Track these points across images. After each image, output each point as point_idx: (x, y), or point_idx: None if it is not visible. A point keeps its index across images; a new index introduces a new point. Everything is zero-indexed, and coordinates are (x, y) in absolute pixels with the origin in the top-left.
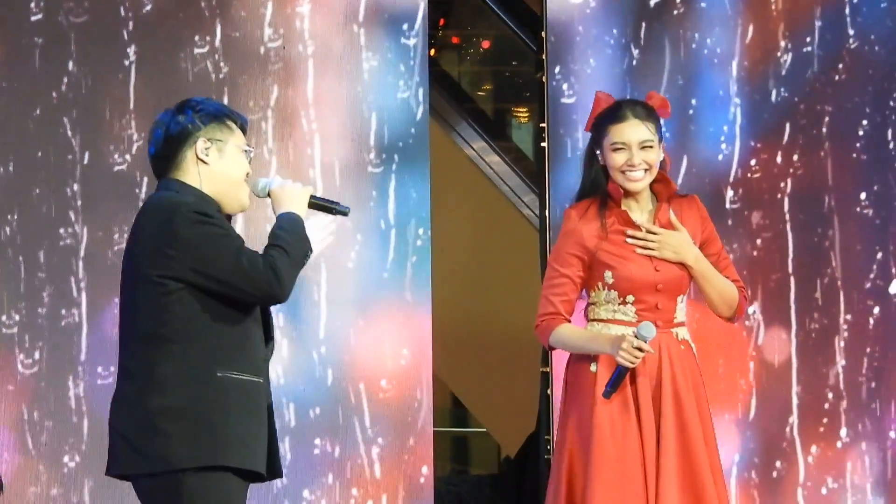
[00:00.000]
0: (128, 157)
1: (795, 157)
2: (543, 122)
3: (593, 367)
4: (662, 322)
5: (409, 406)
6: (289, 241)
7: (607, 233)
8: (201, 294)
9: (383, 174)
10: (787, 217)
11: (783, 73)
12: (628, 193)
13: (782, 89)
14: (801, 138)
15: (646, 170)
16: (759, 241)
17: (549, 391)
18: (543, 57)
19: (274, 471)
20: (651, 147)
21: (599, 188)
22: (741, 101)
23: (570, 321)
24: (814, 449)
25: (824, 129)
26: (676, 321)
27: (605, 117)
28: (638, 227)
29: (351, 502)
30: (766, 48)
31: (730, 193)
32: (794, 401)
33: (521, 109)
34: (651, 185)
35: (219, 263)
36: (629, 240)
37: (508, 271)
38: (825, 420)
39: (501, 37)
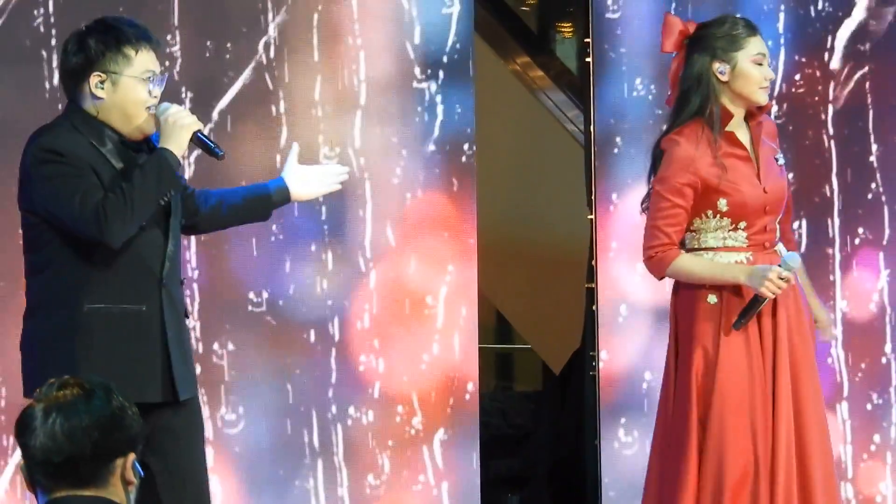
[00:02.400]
0: (174, 73)
1: (839, 72)
2: (588, 38)
3: (711, 299)
4: (769, 243)
5: (454, 322)
6: (137, 182)
7: (721, 158)
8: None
9: (428, 89)
10: (832, 132)
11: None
12: (731, 113)
13: (826, 3)
14: (844, 53)
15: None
16: (803, 156)
17: (594, 307)
18: None
19: (175, 394)
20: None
21: (706, 110)
22: (785, 14)
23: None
24: (863, 365)
25: (867, 45)
26: (778, 240)
27: (733, 30)
28: (745, 148)
29: (396, 419)
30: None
31: (774, 108)
32: (839, 315)
33: (565, 25)
34: None
35: (55, 202)
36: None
37: (553, 187)
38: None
39: None
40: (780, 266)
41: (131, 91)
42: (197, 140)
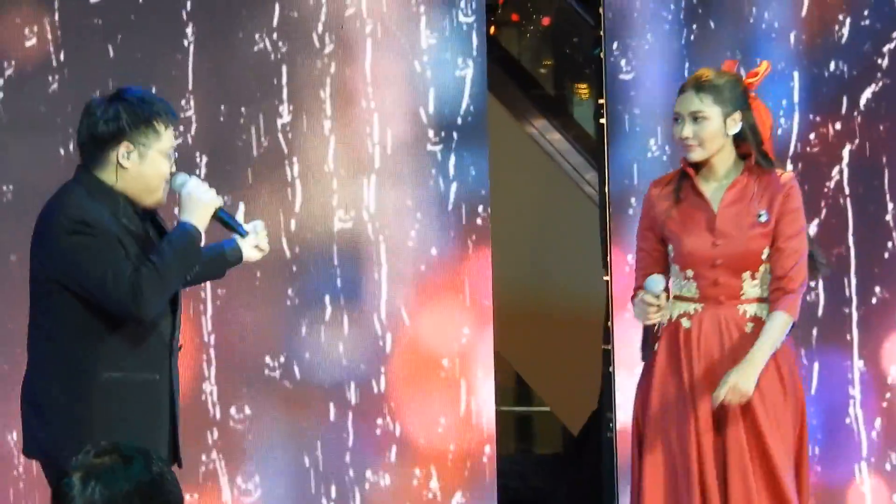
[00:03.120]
0: (188, 137)
1: (854, 131)
2: (602, 99)
3: (656, 346)
4: (725, 297)
5: (471, 385)
6: (168, 257)
7: (677, 205)
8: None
9: (442, 152)
10: (847, 191)
11: (841, 45)
12: (701, 165)
13: (840, 62)
14: (858, 111)
15: (698, 143)
16: (818, 216)
17: (610, 369)
18: (601, 33)
19: (178, 460)
20: (704, 118)
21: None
22: (799, 74)
23: None
24: (880, 424)
25: (884, 103)
26: (746, 297)
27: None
28: (704, 198)
29: (413, 481)
30: (824, 21)
31: (789, 167)
32: (856, 374)
33: (581, 86)
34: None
35: (86, 275)
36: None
37: (570, 249)
38: (888, 395)
39: (561, 13)
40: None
41: (157, 165)
42: (219, 218)
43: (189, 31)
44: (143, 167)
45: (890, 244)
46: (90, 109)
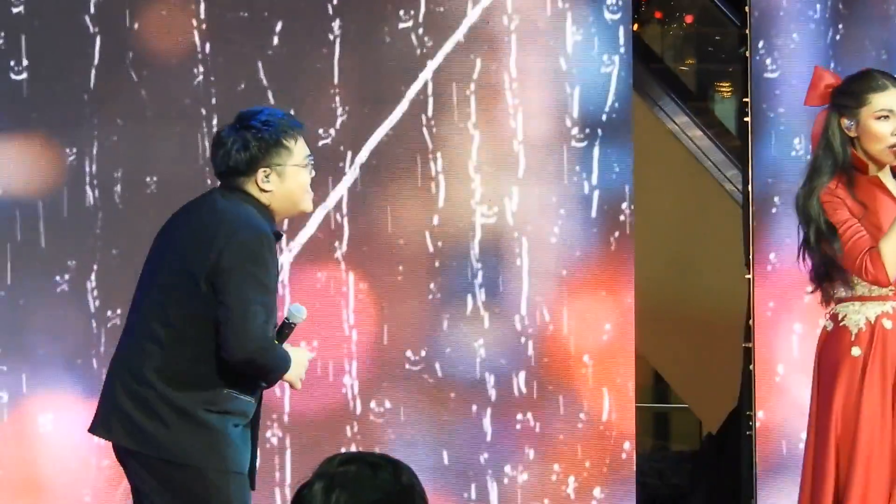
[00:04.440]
0: (332, 131)
1: None
2: (746, 97)
3: (855, 352)
4: None
5: (611, 382)
6: (279, 360)
7: (864, 206)
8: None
9: (586, 148)
10: None
11: None
12: (875, 164)
13: None
14: None
15: None
16: None
17: (751, 367)
18: (747, 31)
19: (253, 483)
20: None
21: (845, 163)
22: None
23: None
24: None
25: None
26: None
27: (862, 85)
28: (891, 195)
29: (553, 478)
30: None
31: None
32: None
33: (723, 84)
34: None
35: (231, 295)
36: None
37: (711, 247)
38: None
39: (705, 11)
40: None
41: (297, 178)
42: (289, 326)
43: (335, 25)
44: (285, 184)
45: None
46: (221, 140)
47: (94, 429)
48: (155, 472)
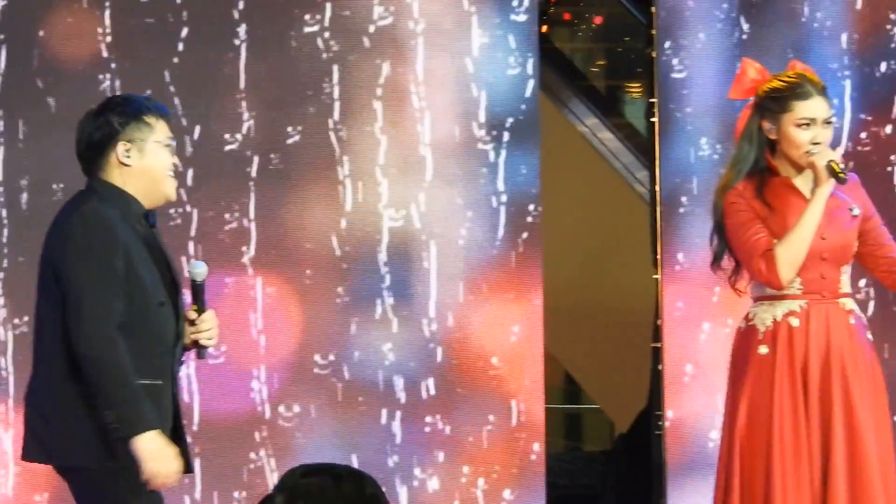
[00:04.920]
0: (238, 136)
1: None
2: (653, 98)
3: (762, 350)
4: (829, 293)
5: (520, 383)
6: (118, 379)
7: (770, 207)
8: None
9: (494, 151)
10: None
11: (893, 45)
12: (792, 167)
13: (892, 62)
14: None
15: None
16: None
17: (660, 367)
18: (653, 32)
19: (189, 465)
20: (831, 124)
21: (759, 164)
22: (851, 74)
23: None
24: None
25: None
26: (843, 291)
27: (787, 91)
28: (803, 197)
29: (462, 480)
30: (875, 20)
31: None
32: None
33: (633, 85)
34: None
35: (71, 286)
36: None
37: (620, 248)
38: None
39: (613, 12)
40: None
41: (157, 156)
42: (197, 285)
43: (241, 30)
44: (145, 160)
45: None
46: (82, 124)
47: (23, 455)
48: (70, 483)
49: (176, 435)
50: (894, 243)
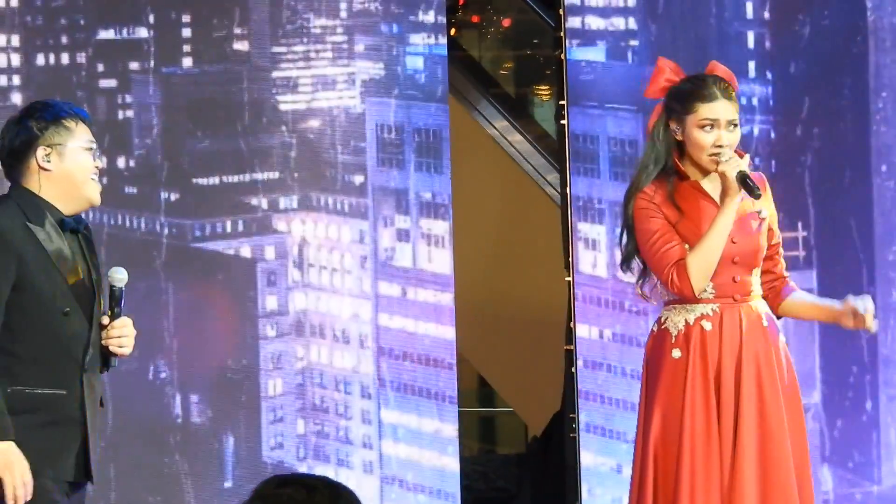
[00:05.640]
0: (148, 141)
1: (815, 131)
2: (563, 100)
3: (675, 354)
4: (741, 296)
5: (433, 387)
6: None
7: (681, 211)
8: None
9: (403, 155)
10: (808, 191)
11: (801, 46)
12: (698, 169)
13: (801, 62)
14: (820, 112)
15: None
16: (780, 215)
17: (573, 369)
18: (561, 34)
19: (90, 474)
20: (737, 126)
21: (667, 166)
22: (760, 74)
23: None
24: (839, 423)
25: (843, 103)
26: (754, 294)
27: (691, 92)
28: (712, 201)
29: (377, 482)
30: (784, 21)
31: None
32: (818, 375)
33: (542, 88)
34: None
35: None
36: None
37: (532, 250)
38: (850, 394)
39: (522, 14)
40: None
41: (78, 159)
42: (117, 289)
43: None
44: (65, 164)
45: (849, 242)
46: (3, 130)
47: None
48: None
49: (84, 448)
50: (781, 259)
